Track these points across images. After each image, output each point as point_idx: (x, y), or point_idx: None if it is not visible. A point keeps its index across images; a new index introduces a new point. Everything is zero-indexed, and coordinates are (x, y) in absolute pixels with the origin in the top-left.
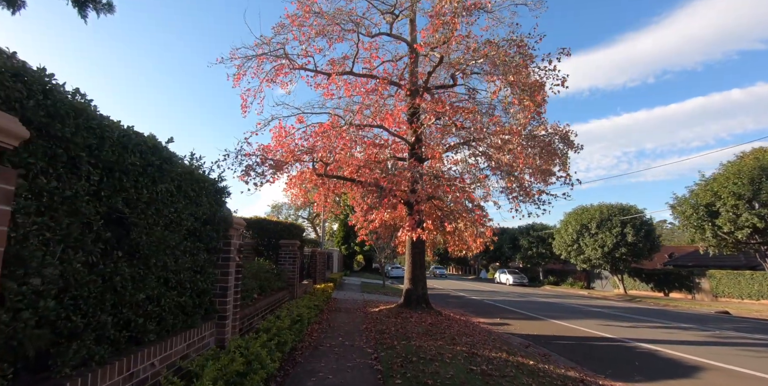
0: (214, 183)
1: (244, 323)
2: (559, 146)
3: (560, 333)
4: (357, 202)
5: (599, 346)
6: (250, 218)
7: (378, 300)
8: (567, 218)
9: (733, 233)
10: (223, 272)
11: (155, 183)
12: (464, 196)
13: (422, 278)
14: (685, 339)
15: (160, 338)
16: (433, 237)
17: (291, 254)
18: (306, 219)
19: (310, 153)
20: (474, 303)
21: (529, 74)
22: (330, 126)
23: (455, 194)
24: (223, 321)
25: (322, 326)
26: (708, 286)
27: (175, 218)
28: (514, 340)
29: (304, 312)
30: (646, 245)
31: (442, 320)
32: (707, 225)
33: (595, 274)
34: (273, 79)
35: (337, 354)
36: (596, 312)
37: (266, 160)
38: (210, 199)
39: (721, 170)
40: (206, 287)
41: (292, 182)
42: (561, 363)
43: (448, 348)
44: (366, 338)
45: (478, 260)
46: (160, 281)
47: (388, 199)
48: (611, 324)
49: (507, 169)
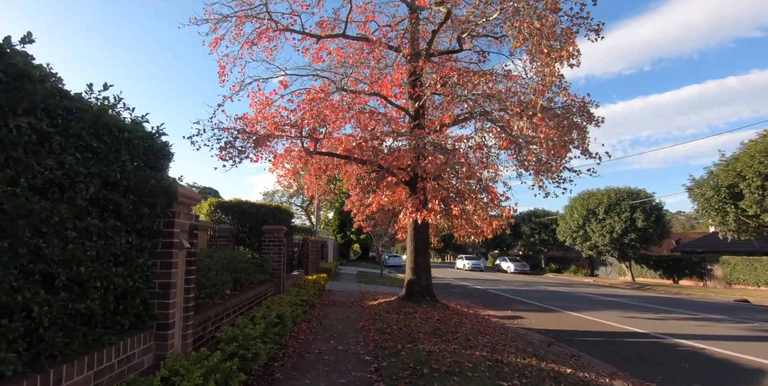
0: (148, 138)
1: (206, 329)
2: (576, 120)
3: (582, 328)
4: (352, 185)
5: (632, 344)
6: (229, 200)
7: (376, 291)
8: (572, 203)
9: (759, 217)
10: (164, 264)
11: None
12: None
13: (426, 268)
14: (724, 333)
15: (34, 369)
16: (436, 221)
17: (276, 242)
18: (300, 207)
19: (297, 127)
20: (479, 292)
21: (557, 22)
22: (320, 92)
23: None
24: (165, 331)
25: (312, 324)
26: (721, 273)
27: (60, 178)
28: (532, 337)
29: (287, 311)
30: (657, 231)
31: (450, 315)
32: (730, 208)
33: (600, 261)
34: (255, 42)
35: (328, 365)
36: (611, 301)
37: (246, 134)
38: (138, 159)
39: (741, 149)
40: (132, 286)
41: (278, 161)
42: (596, 366)
43: (465, 354)
44: (364, 340)
45: (476, 247)
46: (28, 280)
47: (387, 181)
48: (634, 315)
49: (526, 139)
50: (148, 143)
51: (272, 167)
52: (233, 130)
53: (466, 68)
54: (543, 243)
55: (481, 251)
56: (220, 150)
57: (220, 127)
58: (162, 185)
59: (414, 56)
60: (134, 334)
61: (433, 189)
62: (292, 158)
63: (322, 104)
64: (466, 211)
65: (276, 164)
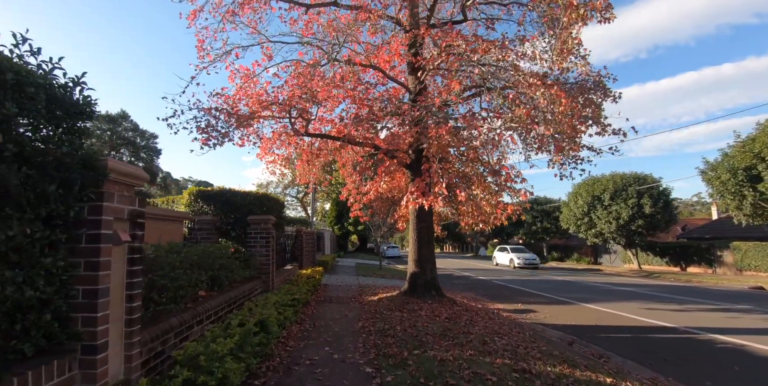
0: (53, 87)
1: (167, 342)
2: (591, 96)
3: (602, 322)
4: (348, 172)
5: (663, 340)
6: (210, 189)
7: (376, 284)
8: (576, 189)
9: None
10: (90, 265)
11: None
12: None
13: (431, 259)
14: (759, 326)
15: None
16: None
17: (263, 234)
18: (295, 198)
19: (285, 106)
20: (483, 284)
21: None
22: (309, 67)
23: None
24: (94, 356)
25: (304, 326)
26: (731, 259)
27: None
28: (550, 334)
29: (272, 314)
30: (664, 217)
31: (459, 312)
32: (748, 191)
33: (604, 249)
34: (237, 12)
35: (320, 382)
36: (625, 291)
37: (228, 114)
38: (35, 114)
39: (759, 129)
40: (34, 295)
41: (266, 146)
42: (629, 368)
43: (485, 363)
44: (363, 345)
45: (475, 236)
46: None
47: (385, 166)
48: (653, 306)
49: (545, 111)
50: (53, 93)
51: (260, 152)
52: (214, 110)
53: (475, 34)
54: (545, 231)
55: (480, 240)
56: (200, 133)
57: (199, 107)
58: (84, 155)
59: (414, 25)
60: (44, 363)
61: (436, 173)
62: (282, 142)
63: (313, 80)
64: (474, 196)
65: (264, 149)
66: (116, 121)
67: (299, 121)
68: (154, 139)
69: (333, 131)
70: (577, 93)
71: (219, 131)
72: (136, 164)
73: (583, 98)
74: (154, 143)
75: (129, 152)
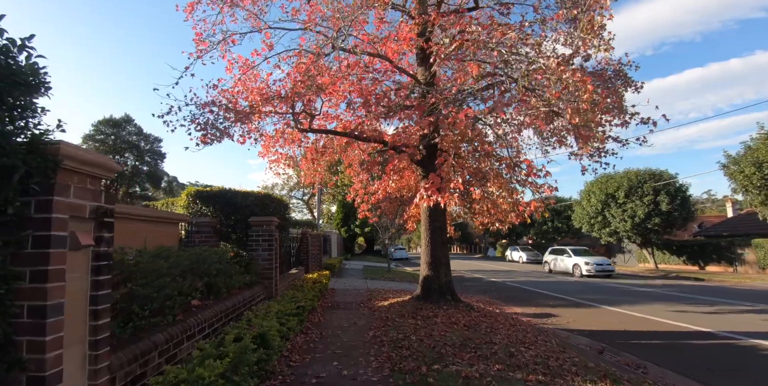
0: None
1: (148, 363)
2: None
3: (630, 327)
4: (355, 171)
5: (702, 347)
6: (210, 189)
7: (385, 288)
8: (589, 187)
9: None
10: (38, 275)
11: None
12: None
13: (445, 262)
14: None
15: None
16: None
17: (266, 237)
18: (301, 200)
19: (287, 100)
20: (496, 286)
21: None
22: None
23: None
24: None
25: (310, 337)
26: (753, 257)
27: None
28: (578, 340)
29: (274, 326)
30: (682, 214)
31: (478, 318)
32: None
33: (618, 248)
34: (236, 2)
35: None
36: (647, 292)
37: (228, 109)
38: None
39: None
40: None
41: (268, 144)
42: (673, 381)
43: (516, 380)
44: (376, 358)
45: (483, 237)
46: None
47: (393, 163)
48: (681, 308)
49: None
50: None
51: (262, 151)
52: (213, 106)
53: (491, 18)
54: (556, 231)
55: (489, 240)
56: (198, 130)
57: (197, 103)
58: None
59: (423, 12)
60: None
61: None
62: (285, 140)
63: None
64: (489, 193)
65: (266, 147)
66: (120, 125)
67: (303, 116)
68: (159, 142)
69: (339, 127)
70: (598, 82)
71: (218, 128)
72: (140, 167)
73: (604, 87)
74: (158, 146)
75: (133, 156)
